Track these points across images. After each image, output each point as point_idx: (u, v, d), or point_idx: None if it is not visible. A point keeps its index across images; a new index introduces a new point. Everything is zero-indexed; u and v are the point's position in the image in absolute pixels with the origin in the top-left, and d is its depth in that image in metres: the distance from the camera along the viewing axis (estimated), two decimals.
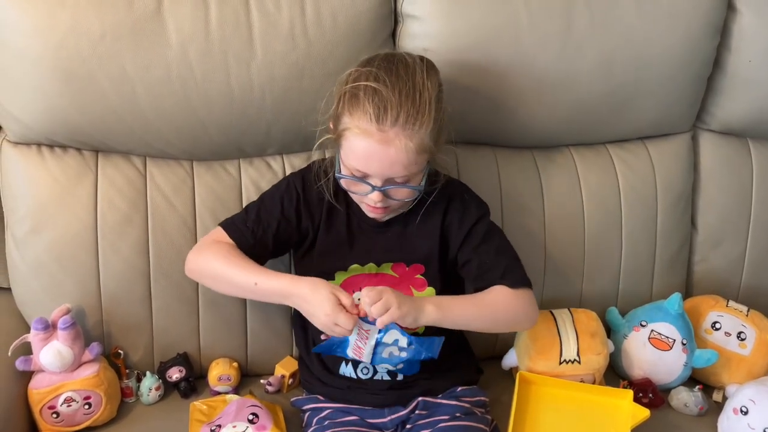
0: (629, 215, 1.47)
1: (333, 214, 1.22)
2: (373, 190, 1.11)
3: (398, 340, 1.11)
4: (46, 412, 1.19)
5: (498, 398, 1.30)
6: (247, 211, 1.23)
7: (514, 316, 1.21)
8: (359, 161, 1.09)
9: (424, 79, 1.08)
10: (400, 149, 1.06)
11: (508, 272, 1.20)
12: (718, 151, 1.55)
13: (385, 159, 1.07)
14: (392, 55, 1.12)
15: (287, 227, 1.21)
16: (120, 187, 1.27)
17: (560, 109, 1.39)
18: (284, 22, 1.21)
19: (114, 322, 1.28)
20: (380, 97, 1.05)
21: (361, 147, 1.07)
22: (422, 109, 1.06)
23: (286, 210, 1.21)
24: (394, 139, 1.05)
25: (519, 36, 1.30)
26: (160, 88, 1.20)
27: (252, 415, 1.17)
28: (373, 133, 1.05)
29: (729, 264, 1.57)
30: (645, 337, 1.39)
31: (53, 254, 1.25)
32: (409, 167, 1.08)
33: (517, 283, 1.19)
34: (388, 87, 1.05)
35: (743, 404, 1.26)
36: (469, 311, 1.17)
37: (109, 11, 1.16)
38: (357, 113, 1.06)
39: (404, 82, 1.07)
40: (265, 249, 1.21)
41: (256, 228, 1.20)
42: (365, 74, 1.08)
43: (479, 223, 1.22)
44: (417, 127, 1.06)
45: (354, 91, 1.07)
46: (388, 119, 1.05)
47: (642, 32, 1.35)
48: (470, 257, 1.21)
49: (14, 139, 1.26)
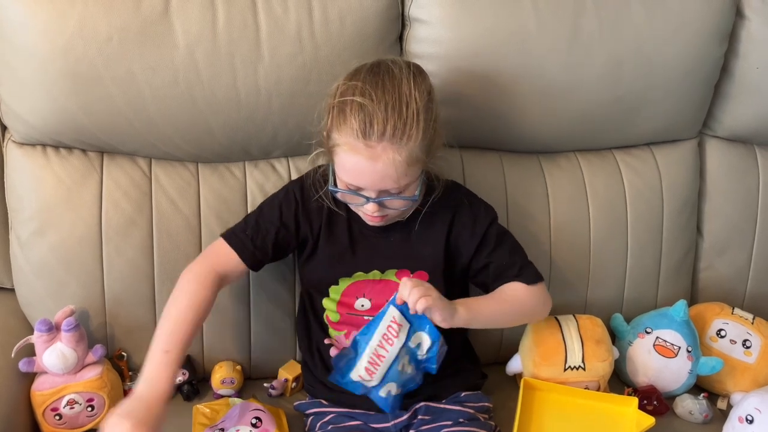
0: (635, 221, 1.46)
1: (334, 222, 1.22)
2: (368, 201, 1.10)
3: (420, 346, 1.11)
4: (48, 414, 1.19)
5: (502, 404, 1.30)
6: (246, 221, 1.23)
7: (533, 308, 1.26)
8: (350, 176, 1.09)
9: (411, 88, 1.06)
10: (389, 163, 1.05)
11: (523, 270, 1.23)
12: (725, 158, 1.55)
13: (374, 174, 1.06)
14: (378, 66, 1.09)
15: (286, 234, 1.21)
16: (125, 188, 1.27)
17: (567, 114, 1.39)
18: (291, 25, 1.21)
19: (118, 324, 1.28)
20: (366, 112, 1.04)
21: (351, 163, 1.07)
22: (409, 121, 1.05)
23: (285, 217, 1.21)
24: (382, 154, 1.05)
25: (527, 41, 1.30)
26: (167, 90, 1.20)
27: (255, 419, 1.17)
28: (361, 149, 1.05)
29: (735, 271, 1.57)
30: (650, 344, 1.38)
31: (58, 255, 1.25)
32: (400, 180, 1.07)
33: (532, 279, 1.24)
34: (374, 101, 1.04)
35: (749, 413, 1.26)
36: (495, 310, 1.21)
37: (116, 13, 1.15)
38: (344, 129, 1.06)
39: (390, 95, 1.05)
40: (265, 255, 1.21)
41: (255, 236, 1.20)
42: (351, 88, 1.07)
43: (491, 228, 1.23)
44: (405, 140, 1.05)
45: (341, 107, 1.07)
46: (374, 134, 1.04)
47: (650, 39, 1.35)
48: (487, 262, 1.23)
49: (20, 140, 1.26)
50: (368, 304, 1.22)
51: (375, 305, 1.21)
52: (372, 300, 1.21)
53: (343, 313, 1.23)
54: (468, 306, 1.15)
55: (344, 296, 1.22)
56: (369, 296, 1.22)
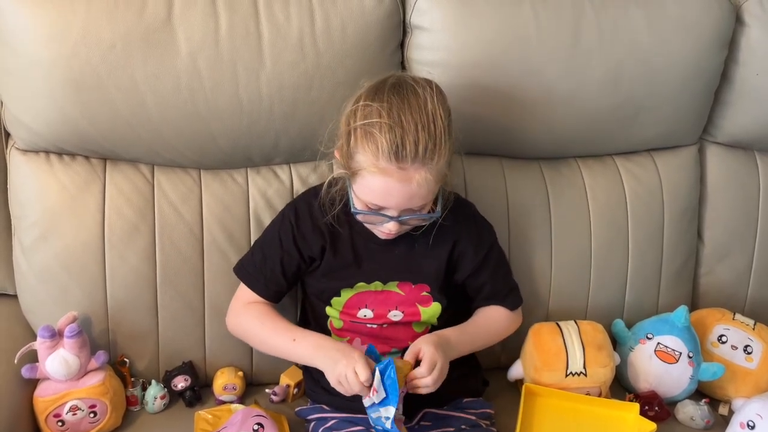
0: (636, 227, 1.47)
1: (336, 238, 1.22)
2: (390, 220, 1.11)
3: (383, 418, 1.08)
4: (51, 420, 1.19)
5: (504, 410, 1.30)
6: (253, 253, 1.26)
7: (506, 333, 1.32)
8: (377, 198, 1.08)
9: (436, 106, 1.06)
10: (422, 184, 1.05)
11: (510, 295, 1.29)
12: (725, 164, 1.55)
13: (405, 194, 1.06)
14: (400, 85, 1.07)
15: (290, 260, 1.22)
16: (128, 195, 1.27)
17: (568, 121, 1.39)
18: (294, 33, 1.22)
19: (120, 331, 1.28)
20: (396, 134, 1.03)
21: (379, 185, 1.06)
22: (438, 140, 1.04)
23: (285, 244, 1.22)
24: (414, 175, 1.04)
25: (527, 48, 1.30)
26: (170, 97, 1.21)
27: (257, 425, 1.17)
28: (393, 171, 1.04)
29: (735, 277, 1.57)
30: (651, 350, 1.39)
31: (60, 262, 1.25)
32: (427, 197, 1.09)
33: (515, 303, 1.30)
34: (403, 122, 1.03)
35: (750, 418, 1.26)
36: (478, 345, 1.27)
37: (119, 21, 1.16)
38: (373, 151, 1.04)
39: (418, 114, 1.04)
40: (280, 285, 1.24)
41: (264, 268, 1.23)
42: (377, 110, 1.05)
43: (492, 250, 1.26)
44: (436, 159, 1.05)
45: (368, 128, 1.04)
46: (407, 156, 1.03)
47: (650, 45, 1.35)
48: (483, 282, 1.26)
49: (23, 147, 1.27)
50: (370, 314, 1.22)
51: (377, 315, 1.22)
52: (374, 310, 1.22)
53: (347, 321, 1.23)
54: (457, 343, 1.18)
55: (346, 307, 1.23)
56: (371, 306, 1.22)
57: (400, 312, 1.22)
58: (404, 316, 1.22)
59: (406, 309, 1.22)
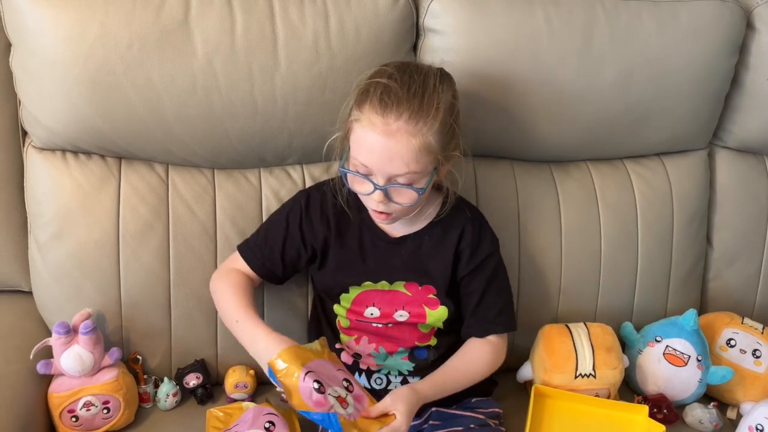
0: (645, 231, 1.47)
1: (344, 230, 1.23)
2: (375, 189, 1.11)
3: None
4: (65, 415, 1.20)
5: (512, 411, 1.30)
6: (258, 232, 1.27)
7: (486, 373, 1.25)
8: (362, 153, 1.10)
9: (437, 83, 1.10)
10: (402, 143, 1.06)
11: (501, 316, 1.24)
12: (735, 169, 1.56)
13: (385, 152, 1.07)
14: (409, 62, 1.15)
15: (292, 244, 1.23)
16: (142, 194, 1.28)
17: (578, 124, 1.40)
18: (308, 35, 1.23)
19: (133, 328, 1.29)
20: (388, 92, 1.07)
21: (365, 138, 1.09)
22: (429, 109, 1.07)
23: (291, 227, 1.23)
24: (396, 133, 1.06)
25: (539, 51, 1.31)
26: (185, 97, 1.22)
27: (268, 422, 1.17)
28: (377, 123, 1.07)
29: (744, 281, 1.57)
30: (660, 353, 1.39)
31: (75, 260, 1.26)
32: (410, 164, 1.08)
33: (505, 327, 1.25)
34: (397, 83, 1.08)
35: (758, 422, 1.26)
36: (453, 389, 1.21)
37: (137, 21, 1.17)
38: (365, 106, 1.08)
39: (414, 81, 1.09)
40: (277, 266, 1.24)
41: (264, 246, 1.24)
42: (379, 72, 1.11)
43: (489, 259, 1.24)
44: (421, 125, 1.07)
45: (366, 86, 1.10)
46: (392, 112, 1.06)
47: (661, 49, 1.36)
48: (474, 289, 1.24)
49: (40, 145, 1.28)
50: (377, 313, 1.23)
51: (384, 314, 1.23)
52: (381, 309, 1.23)
53: (353, 320, 1.24)
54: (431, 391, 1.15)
55: (354, 304, 1.23)
56: (378, 305, 1.23)
57: (407, 312, 1.22)
58: (410, 316, 1.23)
59: (413, 310, 1.22)
